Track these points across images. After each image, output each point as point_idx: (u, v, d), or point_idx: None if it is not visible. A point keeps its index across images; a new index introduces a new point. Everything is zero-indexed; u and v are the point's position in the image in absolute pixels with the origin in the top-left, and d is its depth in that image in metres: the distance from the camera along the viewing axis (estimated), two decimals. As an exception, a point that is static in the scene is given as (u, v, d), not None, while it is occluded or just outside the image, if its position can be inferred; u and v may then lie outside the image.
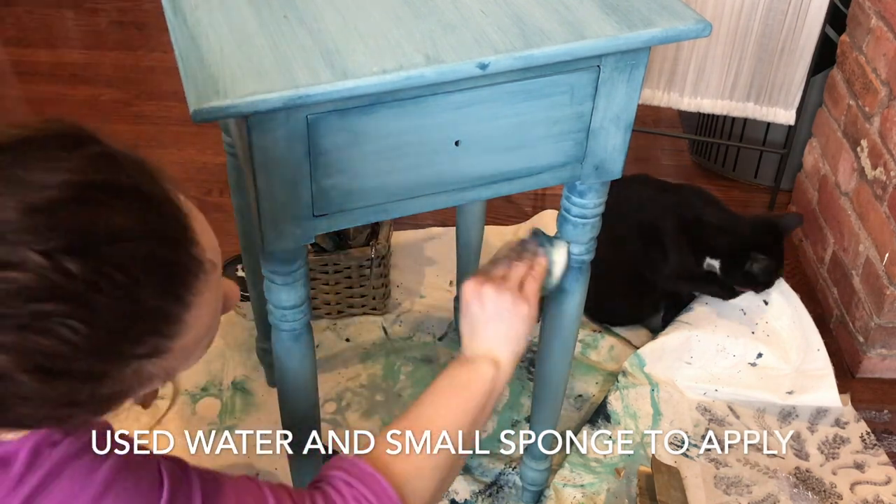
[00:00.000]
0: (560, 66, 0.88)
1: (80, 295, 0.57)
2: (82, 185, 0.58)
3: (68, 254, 0.56)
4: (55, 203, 0.57)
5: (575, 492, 1.47)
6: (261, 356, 1.67)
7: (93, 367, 0.60)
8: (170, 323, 0.63)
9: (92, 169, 0.60)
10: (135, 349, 0.61)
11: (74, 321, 0.57)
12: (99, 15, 2.96)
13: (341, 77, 0.79)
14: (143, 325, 0.61)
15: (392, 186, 0.91)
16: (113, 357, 0.60)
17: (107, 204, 0.59)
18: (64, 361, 0.58)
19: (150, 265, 0.60)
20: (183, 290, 0.63)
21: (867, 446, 1.58)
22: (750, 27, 1.87)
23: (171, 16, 0.88)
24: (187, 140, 2.33)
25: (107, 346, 0.59)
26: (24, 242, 0.55)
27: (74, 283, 0.56)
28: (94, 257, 0.57)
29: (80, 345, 0.57)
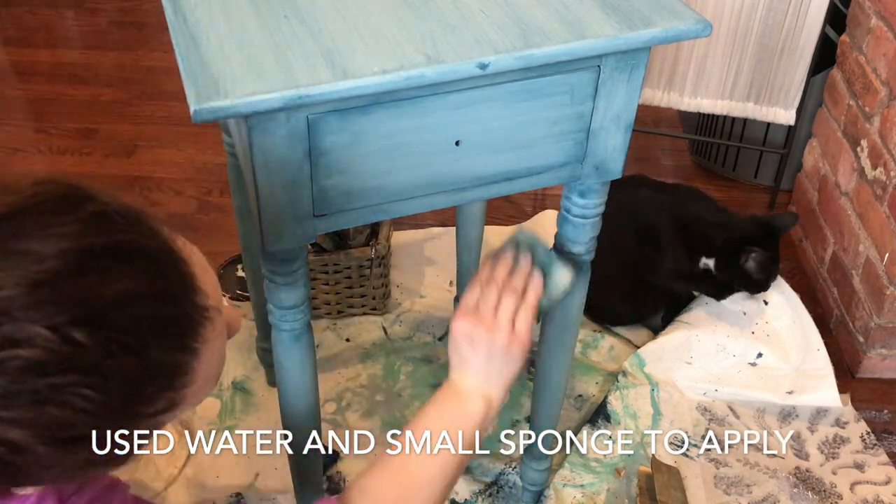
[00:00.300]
0: (560, 66, 0.88)
1: (90, 364, 0.57)
2: (81, 252, 0.58)
3: (75, 325, 0.56)
4: (56, 275, 0.57)
5: (575, 492, 1.47)
6: (261, 356, 1.67)
7: (107, 430, 0.60)
8: (180, 375, 0.63)
9: (89, 232, 0.59)
10: (149, 408, 0.62)
11: (87, 390, 0.57)
12: (99, 15, 2.96)
13: (341, 77, 0.79)
14: (155, 384, 0.62)
15: (392, 186, 0.91)
16: (128, 418, 0.61)
17: (108, 269, 0.59)
18: (80, 429, 0.58)
19: (156, 324, 0.60)
20: (190, 340, 0.63)
21: (867, 446, 1.58)
22: (750, 27, 1.87)
23: (171, 15, 0.88)
24: (187, 140, 2.33)
25: (121, 410, 0.60)
26: (30, 319, 0.55)
27: (84, 352, 0.56)
28: (100, 325, 0.57)
29: (94, 412, 0.58)
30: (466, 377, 0.92)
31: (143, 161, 2.27)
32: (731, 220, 1.66)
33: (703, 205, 1.69)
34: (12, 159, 2.29)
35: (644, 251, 1.67)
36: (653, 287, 1.74)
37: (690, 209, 1.67)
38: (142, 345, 0.59)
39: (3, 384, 0.55)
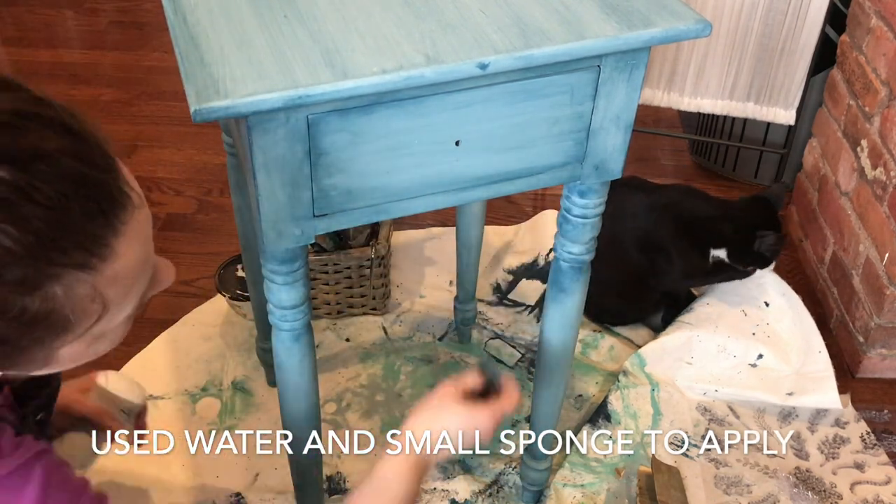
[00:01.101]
0: (560, 66, 0.88)
1: (10, 201, 0.61)
2: (13, 112, 0.63)
3: (1, 164, 0.61)
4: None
5: (575, 492, 1.47)
6: (261, 356, 1.67)
7: (23, 274, 0.63)
8: (98, 243, 0.66)
9: (24, 102, 0.65)
10: (63, 258, 0.64)
11: (6, 225, 0.61)
12: (99, 15, 2.96)
13: (341, 77, 0.79)
14: (72, 237, 0.65)
15: (392, 186, 0.91)
16: (43, 264, 0.64)
17: (36, 130, 0.64)
18: (1, 265, 0.61)
19: (78, 183, 0.64)
20: (111, 214, 0.67)
21: (867, 446, 1.58)
22: (750, 27, 1.87)
23: (171, 15, 0.88)
24: (187, 140, 2.34)
25: (36, 252, 0.63)
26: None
27: (6, 189, 0.61)
28: (24, 169, 0.62)
29: (11, 248, 0.61)
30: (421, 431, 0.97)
31: (143, 161, 2.27)
32: (731, 208, 1.67)
33: (698, 200, 1.69)
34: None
35: (651, 260, 1.67)
36: (653, 287, 1.74)
37: (688, 207, 1.67)
38: (62, 197, 0.63)
39: None
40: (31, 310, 0.64)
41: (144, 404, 1.25)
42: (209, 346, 1.74)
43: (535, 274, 1.93)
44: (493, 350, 1.75)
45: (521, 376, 1.70)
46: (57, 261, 0.64)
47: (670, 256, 1.66)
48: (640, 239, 1.67)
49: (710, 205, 1.68)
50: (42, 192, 0.62)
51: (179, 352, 1.72)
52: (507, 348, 1.76)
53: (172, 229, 2.03)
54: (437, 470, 1.50)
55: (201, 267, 1.86)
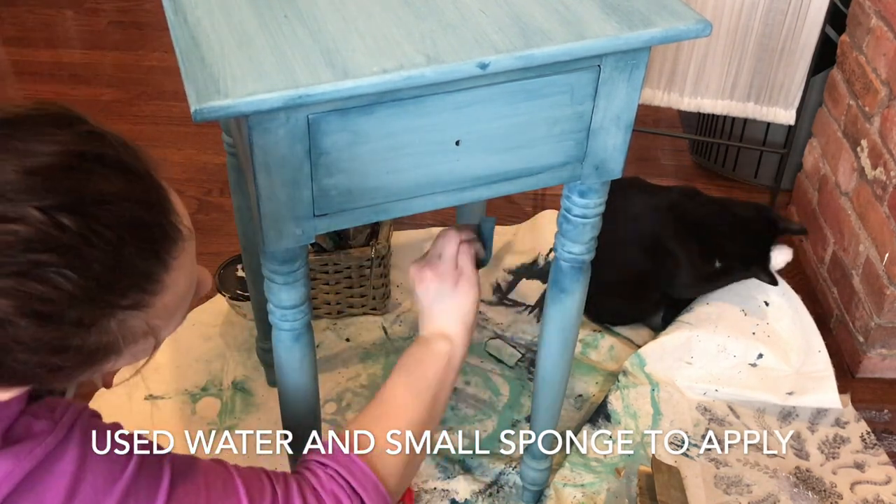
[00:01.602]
0: (560, 66, 0.88)
1: (72, 247, 0.63)
2: (73, 154, 0.65)
3: (63, 210, 0.62)
4: (50, 167, 0.63)
5: (575, 491, 1.47)
6: (261, 356, 1.67)
7: (83, 315, 0.65)
8: (151, 281, 0.69)
9: (82, 142, 0.66)
10: (120, 300, 0.67)
11: (67, 270, 0.63)
12: (99, 15, 2.96)
13: (342, 77, 0.79)
14: (127, 280, 0.67)
15: (392, 186, 0.91)
16: (100, 305, 0.66)
17: (95, 172, 0.66)
18: (57, 306, 0.64)
19: (134, 226, 0.67)
20: (163, 252, 0.70)
21: (867, 446, 1.58)
22: (750, 27, 1.87)
23: (171, 15, 0.88)
24: (187, 140, 2.33)
25: (95, 295, 0.65)
26: (23, 200, 0.62)
27: (68, 236, 0.63)
28: (85, 215, 0.64)
29: (72, 292, 0.64)
30: (427, 325, 1.03)
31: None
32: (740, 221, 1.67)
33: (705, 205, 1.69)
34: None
35: (658, 264, 1.67)
36: (653, 287, 1.74)
37: (694, 213, 1.67)
38: (120, 241, 0.65)
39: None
40: (87, 344, 0.67)
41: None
42: (209, 346, 1.74)
43: (535, 274, 1.93)
44: (493, 350, 1.75)
45: (521, 376, 1.70)
46: (113, 302, 0.67)
47: (678, 262, 1.66)
48: (645, 241, 1.67)
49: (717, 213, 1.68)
50: (101, 236, 0.64)
51: (179, 352, 1.72)
52: (507, 348, 1.76)
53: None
54: (437, 470, 1.50)
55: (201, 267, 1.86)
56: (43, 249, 0.62)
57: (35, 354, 0.65)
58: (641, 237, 1.67)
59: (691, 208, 1.68)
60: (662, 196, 1.71)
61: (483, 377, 1.69)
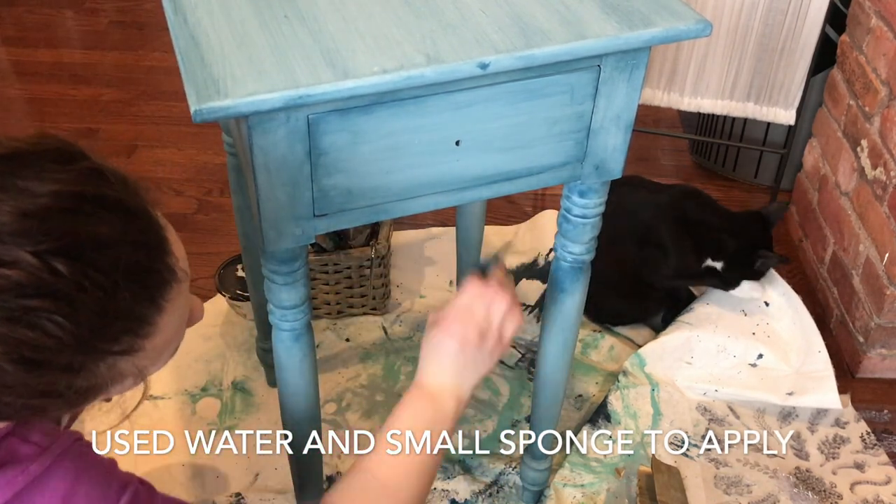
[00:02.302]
0: (560, 66, 0.88)
1: (65, 294, 0.61)
2: (72, 195, 0.63)
3: (57, 255, 0.61)
4: (47, 210, 0.62)
5: (575, 492, 1.47)
6: (261, 356, 1.67)
7: (72, 360, 0.64)
8: (144, 324, 0.68)
9: (81, 182, 0.65)
10: (111, 346, 0.66)
11: (59, 317, 0.61)
12: (99, 15, 2.96)
13: (342, 77, 0.79)
14: (119, 325, 0.66)
15: (392, 186, 0.91)
16: (91, 352, 0.65)
17: (94, 214, 0.64)
18: (47, 353, 0.62)
19: (130, 271, 0.65)
20: (157, 295, 0.69)
21: (867, 446, 1.58)
22: (750, 27, 1.87)
23: (171, 15, 0.88)
24: (187, 140, 2.33)
25: (86, 342, 0.64)
26: (17, 244, 0.60)
27: (61, 282, 0.61)
28: (80, 260, 0.62)
29: (63, 339, 0.62)
30: (440, 375, 0.94)
31: (143, 161, 2.27)
32: (732, 221, 1.67)
33: (703, 206, 1.70)
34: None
35: (644, 252, 1.67)
36: (653, 287, 1.74)
37: (691, 211, 1.67)
38: (114, 286, 0.64)
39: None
40: (74, 387, 0.66)
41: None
42: (209, 346, 1.74)
43: (535, 274, 1.93)
44: (493, 350, 1.74)
45: (521, 376, 1.70)
46: (104, 349, 0.66)
47: (667, 253, 1.66)
48: (640, 234, 1.67)
49: (713, 213, 1.69)
50: (96, 282, 0.63)
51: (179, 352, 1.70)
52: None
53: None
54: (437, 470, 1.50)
55: (201, 267, 1.86)
56: (35, 295, 0.60)
57: (20, 398, 0.64)
58: (637, 230, 1.67)
59: (691, 205, 1.68)
60: (662, 192, 1.71)
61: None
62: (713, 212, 1.69)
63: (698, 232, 1.65)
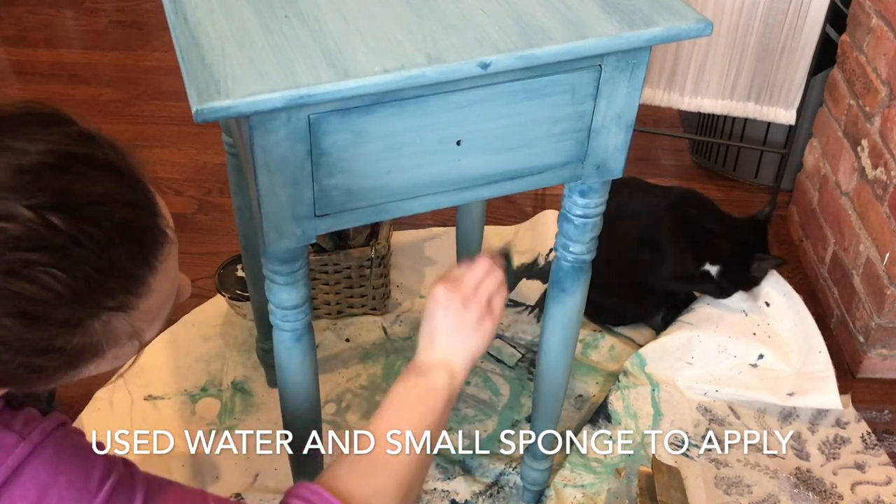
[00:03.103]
0: (561, 66, 0.88)
1: (62, 247, 0.62)
2: (63, 154, 0.65)
3: (53, 210, 0.62)
4: (41, 166, 0.63)
5: (575, 492, 1.47)
6: (261, 357, 1.67)
7: (69, 315, 0.65)
8: (137, 283, 0.69)
9: (72, 143, 0.66)
10: (107, 301, 0.67)
11: (56, 270, 0.62)
12: (99, 15, 2.95)
13: (343, 77, 0.79)
14: (114, 280, 0.67)
15: (393, 186, 0.91)
16: (87, 306, 0.66)
17: (85, 173, 0.65)
18: (45, 307, 0.63)
19: (123, 227, 0.66)
20: (150, 254, 0.70)
21: (868, 446, 1.58)
22: (750, 27, 1.87)
23: (171, 15, 0.88)
24: (187, 140, 2.33)
25: (83, 296, 0.65)
26: (13, 198, 0.61)
27: (58, 235, 0.62)
28: (75, 215, 0.63)
29: (60, 292, 0.63)
30: (432, 350, 0.95)
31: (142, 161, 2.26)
32: (733, 227, 1.68)
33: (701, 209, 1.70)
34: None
35: (644, 254, 1.68)
36: (654, 288, 1.74)
37: (690, 215, 1.68)
38: (108, 241, 0.65)
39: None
40: (70, 345, 0.67)
41: None
42: (209, 346, 1.74)
43: (535, 274, 1.93)
44: (493, 350, 1.75)
45: (521, 376, 1.70)
46: (100, 303, 0.67)
47: (665, 256, 1.66)
48: (639, 236, 1.67)
49: (711, 217, 1.69)
50: (91, 236, 0.64)
51: (179, 352, 1.72)
52: (507, 348, 1.75)
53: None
54: (437, 470, 1.50)
55: (201, 267, 1.86)
56: (32, 248, 0.61)
57: (18, 354, 0.65)
58: (637, 233, 1.67)
59: (689, 209, 1.68)
60: (663, 195, 1.71)
61: (483, 377, 1.69)
62: (711, 216, 1.69)
63: (696, 236, 1.66)
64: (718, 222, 1.68)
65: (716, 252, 1.65)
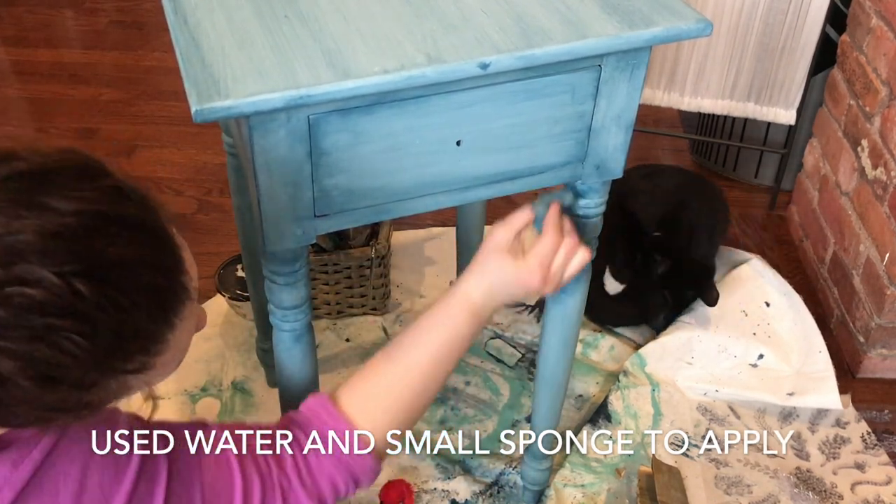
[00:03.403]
0: (561, 66, 0.88)
1: (85, 313, 0.63)
2: (96, 215, 0.64)
3: (80, 276, 0.62)
4: (71, 230, 0.63)
5: (575, 492, 1.47)
6: (261, 357, 1.67)
7: (85, 378, 0.65)
8: (157, 342, 0.70)
9: (105, 201, 0.66)
10: (125, 365, 0.68)
11: (77, 336, 0.62)
12: (99, 15, 2.95)
13: (343, 77, 0.79)
14: (134, 344, 0.68)
15: (393, 186, 0.91)
16: (105, 370, 0.67)
17: (116, 235, 0.65)
18: (63, 371, 0.63)
19: (148, 291, 0.67)
20: (171, 314, 0.70)
21: (868, 446, 1.58)
22: (750, 27, 1.87)
23: (171, 16, 0.88)
24: (187, 140, 2.33)
25: (101, 360, 0.65)
26: (42, 263, 0.61)
27: (83, 302, 0.62)
28: (102, 281, 0.63)
29: (80, 357, 0.63)
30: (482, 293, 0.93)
31: (143, 161, 2.27)
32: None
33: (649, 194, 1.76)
34: (12, 159, 2.28)
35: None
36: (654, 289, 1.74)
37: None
38: (133, 306, 0.65)
39: (5, 316, 0.60)
40: (84, 401, 0.67)
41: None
42: (209, 346, 1.74)
43: (536, 274, 1.92)
44: (493, 350, 1.75)
45: (521, 376, 1.70)
46: (118, 367, 0.67)
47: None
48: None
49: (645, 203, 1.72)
50: (116, 303, 0.64)
51: (179, 352, 1.72)
52: (507, 348, 1.75)
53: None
54: (437, 470, 1.50)
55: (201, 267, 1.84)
56: (56, 314, 0.61)
57: (31, 410, 0.66)
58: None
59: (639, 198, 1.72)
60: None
61: (483, 377, 1.69)
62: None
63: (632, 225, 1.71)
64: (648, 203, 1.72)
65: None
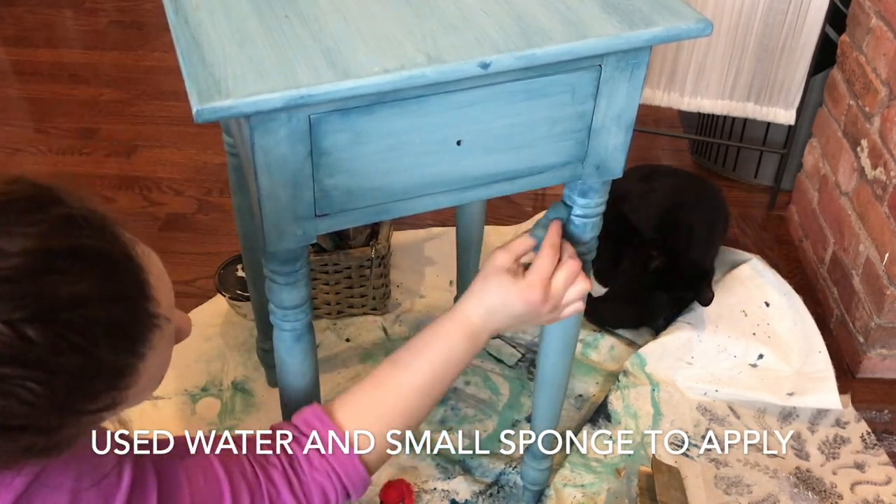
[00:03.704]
0: (561, 66, 0.88)
1: (38, 359, 0.58)
2: (44, 252, 0.59)
3: (29, 322, 0.58)
4: (17, 272, 0.58)
5: (575, 491, 1.47)
6: (261, 357, 1.67)
7: (50, 423, 0.62)
8: (125, 376, 0.65)
9: (54, 234, 0.60)
10: (92, 405, 0.64)
11: (32, 383, 0.58)
12: (99, 15, 2.95)
13: (343, 77, 0.79)
14: (100, 382, 0.63)
15: (394, 186, 0.91)
16: (70, 413, 0.63)
17: (68, 271, 0.60)
18: (21, 420, 0.60)
19: (107, 327, 0.62)
20: (138, 344, 0.66)
21: (867, 446, 1.58)
22: (750, 27, 1.87)
23: (172, 16, 0.88)
24: (187, 140, 2.33)
25: (64, 404, 0.61)
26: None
27: (34, 348, 0.58)
28: (53, 323, 0.59)
29: (38, 404, 0.59)
30: (480, 314, 0.95)
31: (143, 161, 2.27)
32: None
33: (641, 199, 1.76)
34: (12, 160, 2.29)
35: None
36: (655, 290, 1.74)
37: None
38: (91, 345, 0.61)
39: None
40: (51, 443, 0.64)
41: None
42: (209, 346, 1.74)
43: (536, 274, 1.92)
44: (493, 350, 1.75)
45: (521, 376, 1.70)
46: (84, 408, 0.63)
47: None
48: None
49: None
50: (72, 343, 0.60)
51: (179, 352, 1.70)
52: (507, 348, 1.76)
53: (172, 229, 2.03)
54: (437, 470, 1.50)
55: (201, 267, 1.86)
56: (7, 363, 0.57)
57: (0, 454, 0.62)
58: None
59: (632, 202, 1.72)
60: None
61: (483, 377, 1.69)
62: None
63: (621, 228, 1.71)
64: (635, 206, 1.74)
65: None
